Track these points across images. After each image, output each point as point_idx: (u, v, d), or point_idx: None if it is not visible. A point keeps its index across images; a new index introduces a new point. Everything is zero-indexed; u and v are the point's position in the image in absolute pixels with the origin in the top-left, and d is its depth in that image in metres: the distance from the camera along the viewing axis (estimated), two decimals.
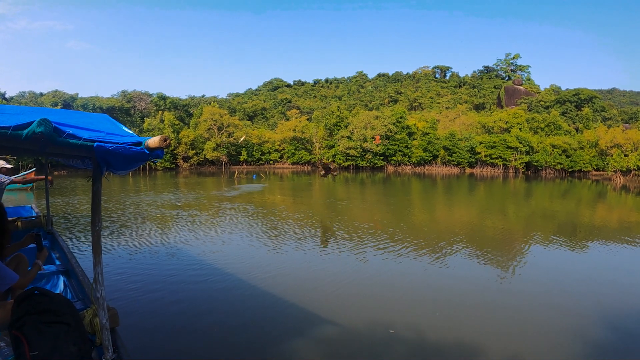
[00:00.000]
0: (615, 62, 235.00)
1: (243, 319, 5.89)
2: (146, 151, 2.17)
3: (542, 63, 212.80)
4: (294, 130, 64.11)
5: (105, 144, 2.13)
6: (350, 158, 59.14)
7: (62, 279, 4.59)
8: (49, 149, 2.27)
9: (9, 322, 2.51)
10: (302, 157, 63.88)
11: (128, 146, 2.17)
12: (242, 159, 63.31)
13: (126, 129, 2.79)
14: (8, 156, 11.46)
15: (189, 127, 63.97)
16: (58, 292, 4.08)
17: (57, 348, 2.39)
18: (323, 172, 21.18)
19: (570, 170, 53.52)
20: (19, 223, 6.12)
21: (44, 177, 6.70)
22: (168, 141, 2.14)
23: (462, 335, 5.49)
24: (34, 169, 25.67)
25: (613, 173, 48.72)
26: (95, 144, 2.10)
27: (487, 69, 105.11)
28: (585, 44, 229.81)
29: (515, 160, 55.00)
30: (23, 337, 2.35)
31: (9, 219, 6.08)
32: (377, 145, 56.72)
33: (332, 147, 62.37)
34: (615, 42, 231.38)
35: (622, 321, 6.04)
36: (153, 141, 2.13)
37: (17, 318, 2.43)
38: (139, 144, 2.18)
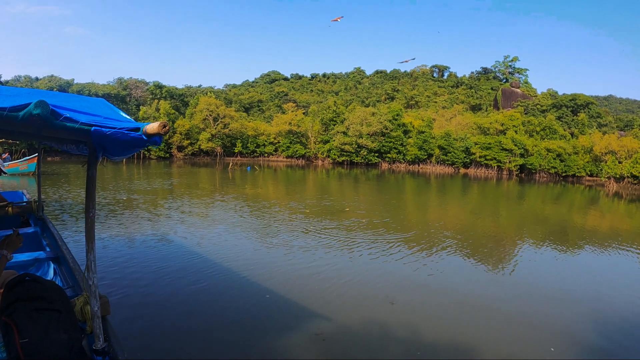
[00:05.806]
0: (613, 69, 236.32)
1: (234, 312, 5.87)
2: (144, 137, 2.12)
3: (540, 67, 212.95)
4: (290, 123, 63.83)
5: (103, 129, 2.07)
6: (345, 153, 59.10)
7: (52, 265, 4.51)
8: (44, 132, 2.21)
9: None
10: (296, 151, 63.72)
11: (126, 131, 2.11)
12: (236, 151, 63.11)
13: (124, 114, 2.73)
14: (2, 140, 11.30)
15: (184, 117, 63.53)
16: (48, 279, 4.01)
17: (47, 335, 2.34)
18: None
19: (563, 174, 53.84)
20: (10, 209, 6.02)
21: None
22: (167, 128, 2.09)
23: (453, 336, 5.51)
24: (36, 154, 25.18)
25: (606, 179, 49.07)
26: (93, 128, 2.04)
27: (485, 71, 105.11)
28: (583, 47, 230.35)
29: (509, 162, 55.24)
30: (13, 324, 2.30)
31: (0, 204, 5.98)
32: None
33: (327, 141, 62.28)
34: (615, 47, 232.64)
35: (611, 326, 6.11)
36: (151, 127, 2.07)
37: (8, 304, 2.37)
38: (137, 129, 2.12)
